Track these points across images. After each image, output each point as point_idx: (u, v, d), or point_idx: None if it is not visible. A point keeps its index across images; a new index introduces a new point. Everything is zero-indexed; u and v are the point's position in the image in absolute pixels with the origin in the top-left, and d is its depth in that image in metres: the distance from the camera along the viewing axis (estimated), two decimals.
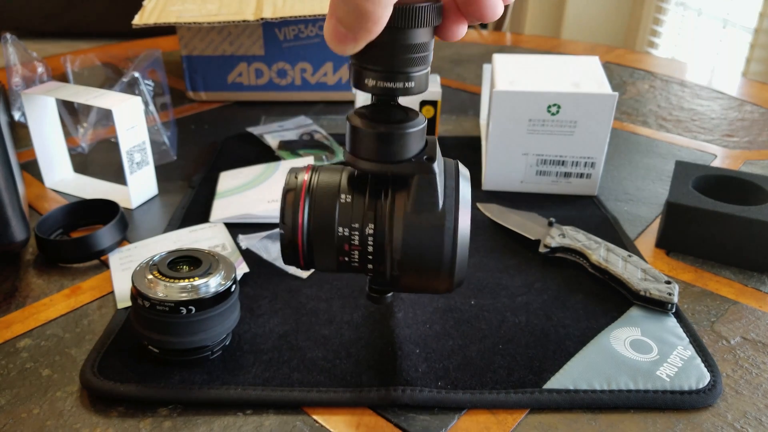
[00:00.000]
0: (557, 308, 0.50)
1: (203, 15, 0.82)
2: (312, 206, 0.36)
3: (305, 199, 0.36)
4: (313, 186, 0.36)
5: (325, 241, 0.36)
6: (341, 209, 0.36)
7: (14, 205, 0.52)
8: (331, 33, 0.30)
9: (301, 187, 0.36)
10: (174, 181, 0.70)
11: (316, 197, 0.36)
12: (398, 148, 0.34)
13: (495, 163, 0.66)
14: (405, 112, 0.35)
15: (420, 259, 0.35)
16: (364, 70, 0.33)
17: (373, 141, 0.34)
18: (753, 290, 0.53)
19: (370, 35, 0.29)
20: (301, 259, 0.37)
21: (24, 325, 0.48)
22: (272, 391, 0.41)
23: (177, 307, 0.41)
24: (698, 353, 0.45)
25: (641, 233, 0.61)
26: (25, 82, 0.71)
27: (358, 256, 0.36)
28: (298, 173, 0.37)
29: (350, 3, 0.28)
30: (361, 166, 0.35)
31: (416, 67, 0.33)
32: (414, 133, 0.34)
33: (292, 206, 0.36)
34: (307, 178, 0.37)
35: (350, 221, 0.35)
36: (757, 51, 1.81)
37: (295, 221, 0.36)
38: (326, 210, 0.36)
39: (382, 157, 0.34)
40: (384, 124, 0.34)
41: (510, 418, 0.40)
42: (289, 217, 0.36)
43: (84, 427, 0.40)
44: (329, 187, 0.36)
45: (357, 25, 0.29)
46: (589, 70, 0.68)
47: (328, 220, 0.36)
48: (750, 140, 0.82)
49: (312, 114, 0.88)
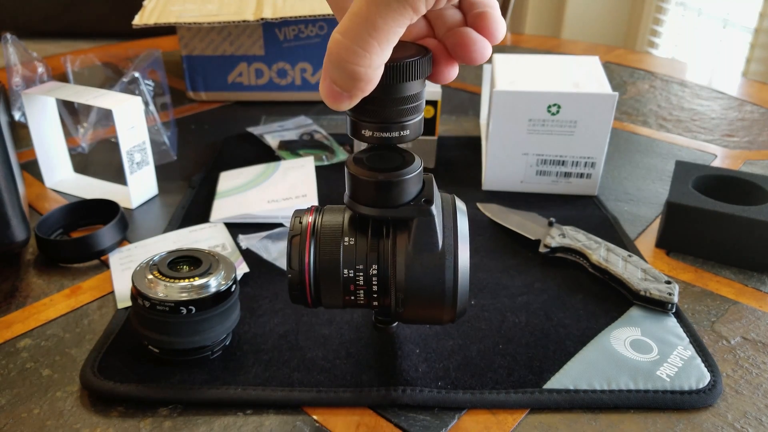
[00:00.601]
0: (557, 308, 0.50)
1: (203, 15, 0.82)
2: (317, 250, 0.37)
3: (311, 243, 0.37)
4: (317, 230, 0.38)
5: (331, 283, 0.37)
6: (345, 252, 0.37)
7: (14, 205, 0.52)
8: (326, 92, 0.31)
9: (306, 231, 0.38)
10: (174, 181, 0.70)
11: (321, 241, 0.37)
12: (397, 194, 0.35)
13: (495, 163, 0.66)
14: (402, 157, 0.36)
15: (423, 295, 0.37)
16: (360, 122, 0.34)
17: (372, 189, 0.35)
18: (753, 290, 0.53)
19: (364, 93, 0.31)
20: (309, 299, 0.39)
21: (24, 325, 0.48)
22: (272, 391, 0.41)
23: (177, 307, 0.41)
24: (698, 353, 0.45)
25: (641, 233, 0.61)
26: (26, 82, 0.71)
27: (363, 295, 0.38)
28: (302, 217, 0.39)
29: (342, 67, 0.29)
30: (362, 211, 0.36)
31: (410, 117, 0.34)
32: (411, 178, 0.36)
33: (299, 250, 0.37)
34: (311, 221, 0.38)
35: (354, 263, 0.37)
36: (757, 51, 1.81)
37: (302, 265, 0.37)
38: (331, 253, 0.37)
39: (382, 203, 0.36)
40: (382, 173, 0.35)
41: (510, 418, 0.40)
42: (296, 262, 0.37)
43: (84, 427, 0.40)
44: (333, 230, 0.38)
45: (351, 86, 0.30)
46: (589, 70, 0.68)
47: (334, 263, 0.37)
48: (750, 140, 0.82)
49: (312, 114, 0.88)
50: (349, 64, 0.29)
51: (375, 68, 0.29)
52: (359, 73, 0.29)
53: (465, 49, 0.32)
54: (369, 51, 0.29)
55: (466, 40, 0.32)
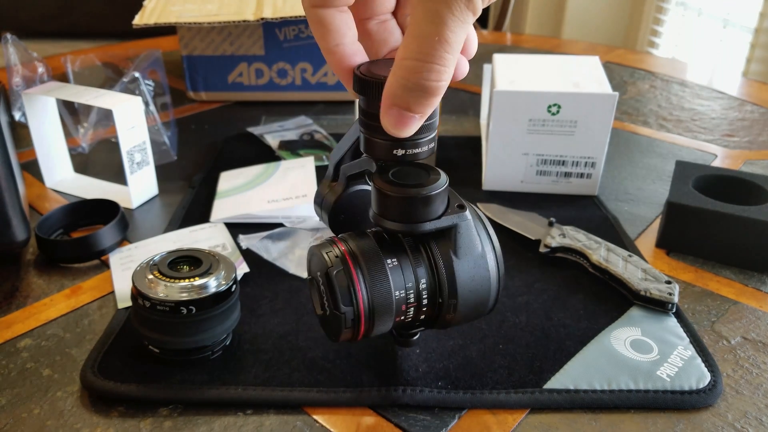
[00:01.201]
0: (557, 308, 0.50)
1: (203, 15, 0.82)
2: (367, 280, 0.36)
3: (357, 275, 0.36)
4: (359, 261, 0.36)
5: (386, 309, 0.37)
6: (393, 274, 0.37)
7: (15, 205, 0.52)
8: (395, 121, 0.31)
9: (348, 263, 0.36)
10: (174, 181, 0.70)
11: (368, 270, 0.36)
12: (438, 205, 0.36)
13: (495, 163, 0.66)
14: (423, 169, 0.37)
15: (473, 297, 0.38)
16: (372, 140, 0.35)
17: (414, 205, 0.35)
18: (753, 290, 0.53)
19: (433, 109, 0.32)
20: (361, 333, 0.37)
21: (24, 325, 0.48)
22: (272, 391, 0.42)
23: (177, 307, 0.41)
24: (698, 353, 0.45)
25: (641, 233, 0.61)
26: (26, 82, 0.71)
27: (413, 312, 0.38)
28: (328, 251, 0.37)
29: (422, 89, 0.30)
30: (398, 229, 0.36)
31: (424, 135, 0.35)
32: (445, 188, 0.36)
33: (347, 285, 0.36)
34: (346, 250, 0.37)
35: (404, 282, 0.37)
36: (758, 51, 1.81)
37: (355, 300, 0.36)
38: (382, 281, 0.36)
39: (425, 217, 0.36)
40: (421, 188, 0.35)
41: (510, 418, 0.40)
42: (347, 298, 0.36)
43: (84, 427, 0.40)
44: (373, 256, 0.37)
45: (426, 105, 0.31)
46: (589, 69, 0.68)
47: (386, 288, 0.36)
48: (750, 140, 0.82)
49: (312, 114, 0.88)
50: (431, 82, 0.30)
51: (448, 78, 0.31)
52: (440, 89, 0.30)
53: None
54: (448, 65, 0.30)
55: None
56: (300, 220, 0.60)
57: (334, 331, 0.37)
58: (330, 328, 0.38)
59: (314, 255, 0.38)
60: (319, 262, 0.37)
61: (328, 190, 0.43)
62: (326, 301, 0.38)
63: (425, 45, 0.29)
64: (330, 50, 0.34)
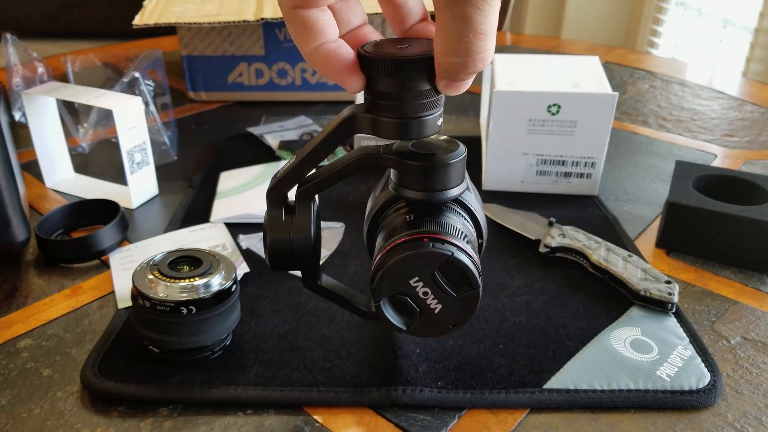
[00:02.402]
0: (557, 308, 0.50)
1: (203, 15, 0.82)
2: (468, 249, 0.37)
3: (464, 247, 0.37)
4: (447, 238, 0.37)
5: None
6: (463, 228, 0.39)
7: (15, 205, 0.52)
8: (451, 91, 0.33)
9: (449, 243, 0.37)
10: (174, 181, 0.70)
11: (459, 240, 0.37)
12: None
13: (495, 163, 0.66)
14: (446, 143, 0.38)
15: None
16: (381, 119, 0.34)
17: (459, 166, 0.37)
18: (753, 290, 0.53)
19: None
20: None
21: (25, 325, 0.48)
22: (273, 390, 0.42)
23: (177, 307, 0.41)
24: (698, 353, 0.45)
25: (641, 233, 0.61)
26: (26, 82, 0.71)
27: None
28: (421, 249, 0.36)
29: (466, 74, 0.31)
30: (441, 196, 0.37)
31: (431, 112, 0.35)
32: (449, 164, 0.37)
33: (469, 261, 0.37)
34: (430, 235, 0.37)
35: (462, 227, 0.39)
36: (758, 51, 1.81)
37: (477, 267, 0.37)
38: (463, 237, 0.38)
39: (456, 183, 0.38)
40: (445, 155, 0.36)
41: (510, 418, 0.40)
42: (476, 271, 0.37)
43: (84, 427, 0.40)
44: (445, 227, 0.38)
45: (472, 75, 0.32)
46: (589, 70, 0.68)
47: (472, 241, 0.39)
48: (750, 140, 0.82)
49: (312, 114, 0.88)
50: (478, 67, 0.30)
51: (492, 52, 0.31)
52: (486, 64, 0.31)
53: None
54: (488, 49, 0.30)
55: (430, 36, 0.34)
56: None
57: (457, 317, 0.37)
58: (438, 324, 0.37)
59: (394, 267, 0.36)
60: (417, 262, 0.36)
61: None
62: (438, 295, 0.36)
63: (463, 43, 0.29)
64: (315, 51, 0.32)
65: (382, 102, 0.34)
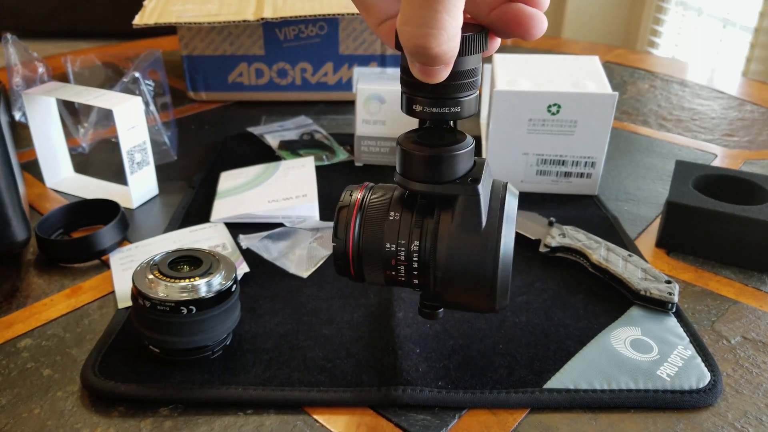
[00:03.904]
0: (557, 308, 0.50)
1: (203, 15, 0.82)
2: (363, 222, 0.38)
3: (356, 216, 0.38)
4: (365, 203, 0.38)
5: (373, 256, 0.38)
6: (389, 226, 0.37)
7: (15, 205, 0.52)
8: (420, 73, 0.31)
9: (354, 204, 0.38)
10: (174, 181, 0.70)
11: (367, 214, 0.38)
12: (445, 170, 0.35)
13: (495, 162, 0.66)
14: (454, 135, 0.37)
15: (462, 276, 0.36)
16: (414, 97, 0.34)
17: (421, 163, 0.36)
18: (753, 290, 0.53)
19: (454, 57, 0.30)
20: (352, 270, 0.39)
21: (25, 324, 0.48)
22: (273, 390, 0.42)
23: (177, 307, 0.41)
24: (698, 353, 0.45)
25: (641, 233, 0.61)
26: (26, 82, 0.71)
27: (404, 271, 0.38)
28: (353, 191, 0.39)
29: (424, 54, 0.29)
30: (411, 187, 0.36)
31: (465, 93, 0.34)
32: (461, 155, 0.36)
33: (345, 222, 0.38)
34: (360, 196, 0.39)
35: (397, 237, 0.37)
36: (758, 50, 1.81)
37: (347, 236, 0.38)
38: (376, 226, 0.37)
39: (429, 178, 0.36)
40: (432, 147, 0.35)
41: (510, 418, 0.40)
42: (342, 232, 0.38)
43: (85, 426, 0.40)
44: (380, 204, 0.38)
45: (439, 61, 0.30)
46: (589, 69, 0.68)
47: (378, 235, 0.37)
48: (750, 140, 0.82)
49: (312, 114, 0.88)
50: (427, 49, 0.29)
51: (453, 38, 0.29)
52: (441, 52, 0.29)
53: (521, 26, 0.32)
54: (442, 27, 0.28)
55: (521, 16, 0.31)
56: (300, 220, 0.60)
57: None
58: None
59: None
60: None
61: None
62: None
63: (416, 8, 0.28)
64: (377, 28, 0.34)
65: (407, 78, 0.34)
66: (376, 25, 0.34)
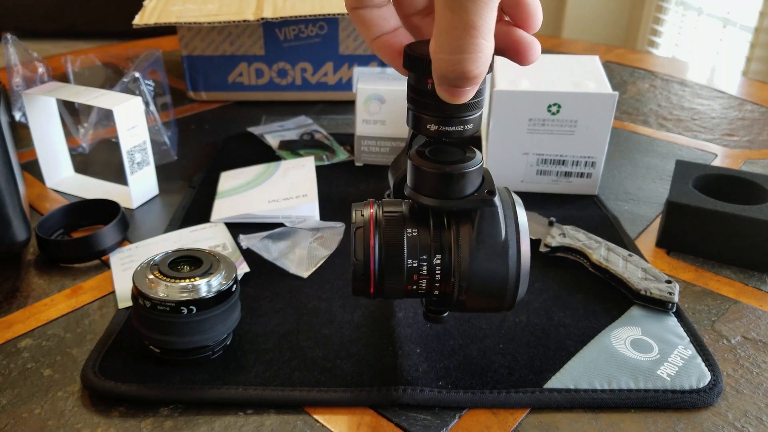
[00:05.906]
0: (558, 308, 0.50)
1: (203, 15, 0.82)
2: (382, 240, 0.38)
3: (375, 234, 0.38)
4: (380, 221, 0.38)
5: (395, 273, 0.38)
6: (409, 242, 0.38)
7: (15, 205, 0.52)
8: (447, 95, 0.32)
9: (369, 222, 0.38)
10: (175, 181, 0.70)
11: (385, 231, 0.38)
12: (462, 186, 0.36)
13: (495, 162, 0.66)
14: (463, 150, 0.37)
15: (486, 284, 0.38)
16: (422, 116, 0.35)
17: (438, 181, 0.36)
18: (753, 289, 0.53)
19: (479, 83, 0.32)
20: (372, 289, 0.39)
21: (25, 325, 0.48)
22: (273, 390, 0.42)
23: (178, 307, 0.41)
24: (699, 352, 0.45)
25: (642, 232, 0.61)
26: (26, 82, 0.71)
27: (426, 284, 0.38)
28: (362, 210, 0.39)
29: (462, 79, 0.31)
30: (426, 203, 0.37)
31: (471, 112, 0.35)
32: (475, 170, 0.37)
33: (363, 242, 0.38)
34: (372, 212, 0.39)
35: (418, 253, 0.38)
36: (758, 50, 1.81)
37: (366, 255, 0.38)
38: (395, 244, 0.38)
39: (447, 195, 0.36)
40: (448, 165, 0.36)
41: (511, 418, 0.40)
42: (361, 252, 0.38)
43: (85, 427, 0.40)
44: (395, 222, 0.38)
45: (472, 83, 0.31)
46: (589, 69, 0.68)
47: (398, 253, 0.38)
48: (750, 139, 0.82)
49: (312, 114, 0.88)
50: (466, 73, 0.30)
51: (489, 59, 0.31)
52: (479, 74, 0.31)
53: (519, 54, 0.33)
54: (481, 51, 0.30)
55: (521, 45, 0.33)
56: (300, 220, 0.60)
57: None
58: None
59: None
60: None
61: (402, 158, 0.43)
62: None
63: (453, 37, 0.29)
64: (373, 42, 0.35)
65: (416, 97, 0.35)
66: (372, 40, 0.36)
